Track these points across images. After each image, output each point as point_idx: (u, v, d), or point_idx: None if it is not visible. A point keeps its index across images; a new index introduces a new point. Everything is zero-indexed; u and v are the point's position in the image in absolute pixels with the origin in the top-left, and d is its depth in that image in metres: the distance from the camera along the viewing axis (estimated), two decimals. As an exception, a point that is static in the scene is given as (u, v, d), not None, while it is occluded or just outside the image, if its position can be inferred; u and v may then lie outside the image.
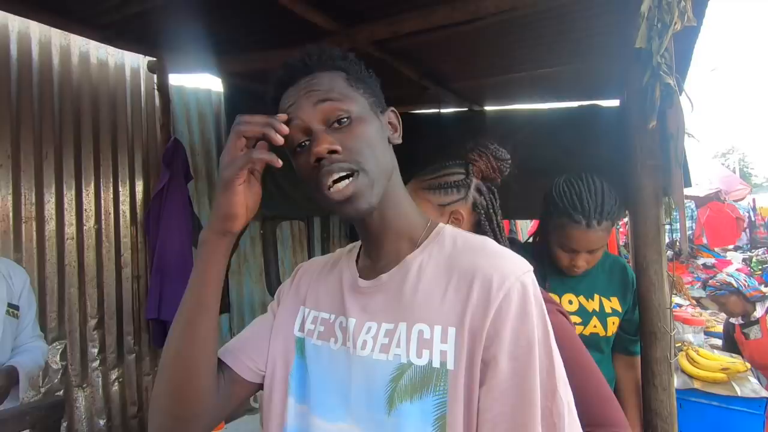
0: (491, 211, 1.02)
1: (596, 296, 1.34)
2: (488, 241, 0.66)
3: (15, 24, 2.09)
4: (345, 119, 0.61)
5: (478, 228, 1.04)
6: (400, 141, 0.69)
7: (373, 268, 0.69)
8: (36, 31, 2.16)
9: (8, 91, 2.06)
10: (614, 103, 3.15)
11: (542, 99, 3.41)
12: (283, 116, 0.61)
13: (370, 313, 0.66)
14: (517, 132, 3.37)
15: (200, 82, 2.92)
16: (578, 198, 1.22)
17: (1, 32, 2.04)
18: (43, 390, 2.10)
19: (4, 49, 2.05)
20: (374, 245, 0.69)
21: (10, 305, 1.28)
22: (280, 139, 0.59)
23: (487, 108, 3.53)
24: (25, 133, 2.11)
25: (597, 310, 1.32)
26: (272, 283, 3.35)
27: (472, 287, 0.59)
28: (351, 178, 0.60)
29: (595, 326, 1.31)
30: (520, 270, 0.60)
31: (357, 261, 0.73)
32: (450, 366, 0.58)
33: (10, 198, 2.04)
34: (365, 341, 0.64)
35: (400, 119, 0.71)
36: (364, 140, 0.61)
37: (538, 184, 3.28)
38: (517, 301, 0.58)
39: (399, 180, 0.69)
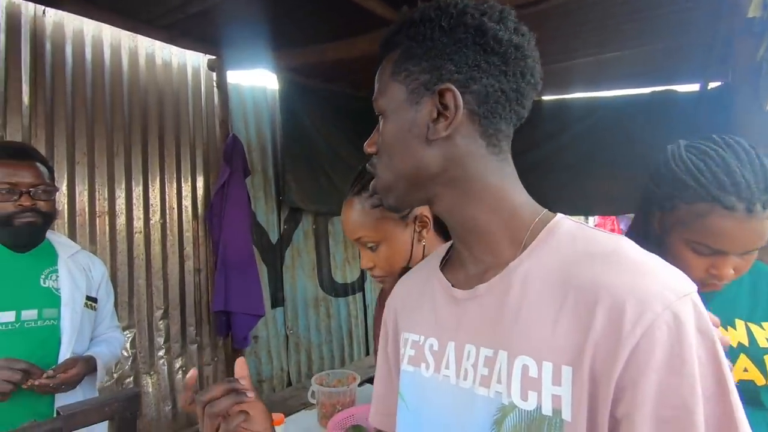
0: None
1: (739, 323, 0.93)
2: (624, 244, 0.48)
3: (90, 28, 2.20)
4: (380, 116, 0.59)
5: (439, 227, 0.94)
6: (446, 132, 0.52)
7: (468, 275, 0.58)
8: (108, 34, 2.27)
9: (84, 93, 2.18)
10: (693, 88, 2.87)
11: (607, 86, 3.17)
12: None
13: (467, 332, 0.54)
14: (577, 122, 3.17)
15: (256, 80, 2.96)
16: (726, 171, 0.79)
17: (77, 37, 2.16)
18: (115, 376, 2.22)
19: (80, 53, 2.17)
20: (463, 246, 0.58)
21: (88, 297, 1.32)
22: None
23: (545, 98, 3.34)
24: (99, 132, 2.23)
25: (745, 344, 0.91)
26: (324, 278, 3.38)
27: (595, 314, 0.44)
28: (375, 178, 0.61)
29: (746, 369, 0.89)
30: (672, 293, 0.43)
31: (443, 266, 0.64)
32: (566, 416, 0.44)
33: (86, 193, 2.16)
34: (466, 370, 0.52)
35: (460, 100, 0.52)
36: (384, 142, 0.58)
37: (604, 178, 3.05)
38: (666, 341, 0.41)
39: (473, 171, 0.54)
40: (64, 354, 1.22)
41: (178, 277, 2.50)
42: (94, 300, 1.36)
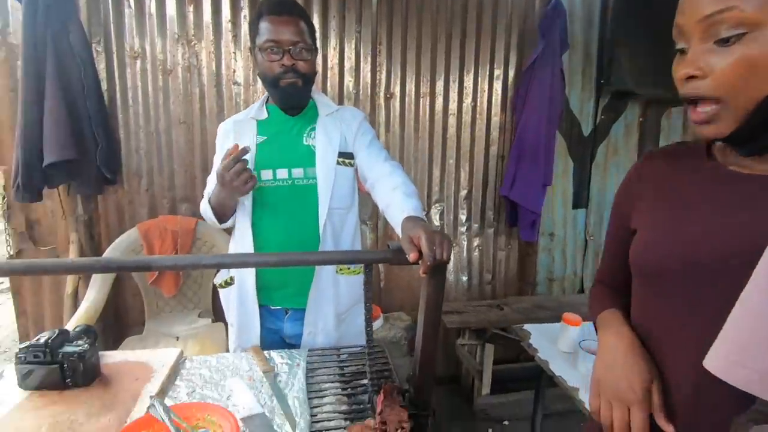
0: None
1: None
2: None
3: None
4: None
5: None
6: None
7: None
8: None
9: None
10: None
11: None
12: None
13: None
14: None
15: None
16: None
17: None
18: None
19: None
20: None
21: (342, 154, 1.26)
22: None
23: None
24: (426, 19, 2.35)
25: None
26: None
27: None
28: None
29: None
30: None
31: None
32: None
33: (413, 75, 2.40)
34: None
35: None
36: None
37: None
38: None
39: None
40: (323, 209, 1.23)
41: (482, 161, 2.57)
42: (349, 156, 1.29)
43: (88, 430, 0.88)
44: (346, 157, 1.27)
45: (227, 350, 1.41)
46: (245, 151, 1.11)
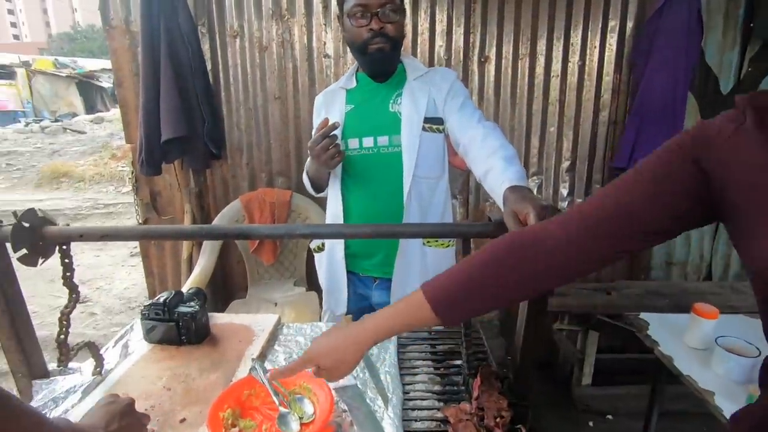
0: None
1: None
2: None
3: None
4: None
5: None
6: None
7: None
8: None
9: None
10: None
11: None
12: None
13: None
14: None
15: None
16: None
17: None
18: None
19: None
20: None
21: (429, 120, 1.18)
22: None
23: None
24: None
25: None
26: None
27: None
28: None
29: None
30: None
31: None
32: None
33: (511, 34, 2.18)
34: None
35: None
36: None
37: None
38: None
39: None
40: (407, 177, 1.19)
41: (590, 128, 2.29)
42: (438, 121, 1.20)
43: (200, 384, 0.95)
44: (434, 122, 1.20)
45: (320, 318, 1.45)
46: (334, 126, 1.11)
